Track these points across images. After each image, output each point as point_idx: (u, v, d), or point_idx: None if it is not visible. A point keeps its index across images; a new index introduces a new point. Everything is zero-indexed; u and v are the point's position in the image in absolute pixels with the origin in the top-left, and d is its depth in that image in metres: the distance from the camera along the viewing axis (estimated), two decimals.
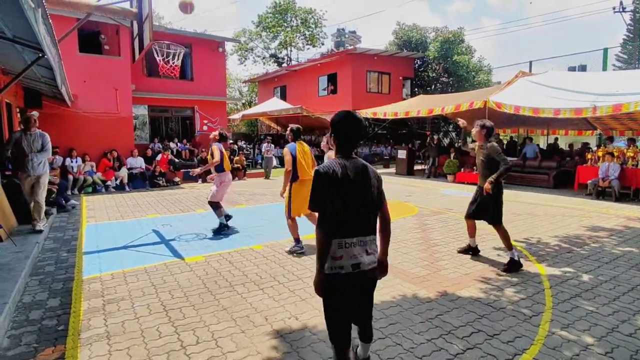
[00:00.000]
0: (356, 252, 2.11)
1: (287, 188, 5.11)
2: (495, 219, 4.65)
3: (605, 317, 3.32)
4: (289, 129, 5.31)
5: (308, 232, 6.23)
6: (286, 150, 5.05)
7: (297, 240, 5.19)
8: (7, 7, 3.33)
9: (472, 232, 5.01)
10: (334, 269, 2.09)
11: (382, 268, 2.26)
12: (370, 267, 2.15)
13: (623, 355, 2.76)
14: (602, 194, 9.61)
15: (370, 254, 2.16)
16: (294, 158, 5.00)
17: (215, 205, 6.26)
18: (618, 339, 2.97)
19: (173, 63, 8.11)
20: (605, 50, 16.26)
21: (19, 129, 6.36)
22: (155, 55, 8.16)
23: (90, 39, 12.75)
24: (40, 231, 5.88)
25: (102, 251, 5.33)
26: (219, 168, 6.26)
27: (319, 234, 2.09)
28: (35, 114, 6.35)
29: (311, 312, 3.43)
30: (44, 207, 6.17)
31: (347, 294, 2.15)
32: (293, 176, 5.03)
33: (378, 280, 2.27)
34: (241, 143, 20.04)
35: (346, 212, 2.09)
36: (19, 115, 9.41)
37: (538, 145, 14.41)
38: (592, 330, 3.10)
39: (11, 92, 8.28)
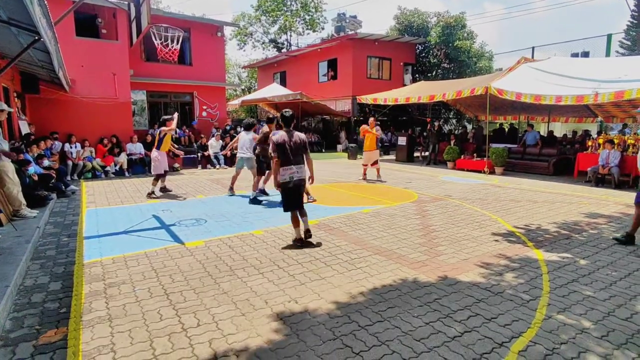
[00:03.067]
0: (291, 172, 4.63)
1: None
2: None
3: (602, 302, 3.36)
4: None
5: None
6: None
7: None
8: None
9: None
10: (283, 180, 4.62)
11: (311, 179, 5.07)
12: (298, 179, 4.68)
13: (619, 338, 2.80)
14: (601, 181, 9.61)
15: (300, 173, 4.68)
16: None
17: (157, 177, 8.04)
18: (614, 323, 3.01)
19: (172, 47, 8.00)
20: (609, 36, 16.05)
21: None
22: (154, 39, 8.04)
23: (87, 23, 12.55)
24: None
25: (103, 236, 5.35)
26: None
27: (274, 165, 4.66)
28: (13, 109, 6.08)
29: (311, 296, 3.46)
30: None
31: (290, 190, 4.69)
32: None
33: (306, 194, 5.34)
34: (240, 129, 19.90)
35: (288, 155, 4.60)
36: (16, 100, 9.34)
37: (539, 132, 14.35)
38: (589, 315, 3.14)
39: (8, 77, 8.19)
